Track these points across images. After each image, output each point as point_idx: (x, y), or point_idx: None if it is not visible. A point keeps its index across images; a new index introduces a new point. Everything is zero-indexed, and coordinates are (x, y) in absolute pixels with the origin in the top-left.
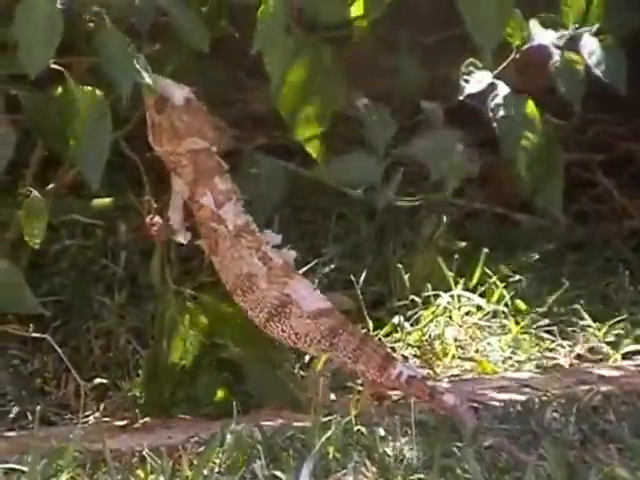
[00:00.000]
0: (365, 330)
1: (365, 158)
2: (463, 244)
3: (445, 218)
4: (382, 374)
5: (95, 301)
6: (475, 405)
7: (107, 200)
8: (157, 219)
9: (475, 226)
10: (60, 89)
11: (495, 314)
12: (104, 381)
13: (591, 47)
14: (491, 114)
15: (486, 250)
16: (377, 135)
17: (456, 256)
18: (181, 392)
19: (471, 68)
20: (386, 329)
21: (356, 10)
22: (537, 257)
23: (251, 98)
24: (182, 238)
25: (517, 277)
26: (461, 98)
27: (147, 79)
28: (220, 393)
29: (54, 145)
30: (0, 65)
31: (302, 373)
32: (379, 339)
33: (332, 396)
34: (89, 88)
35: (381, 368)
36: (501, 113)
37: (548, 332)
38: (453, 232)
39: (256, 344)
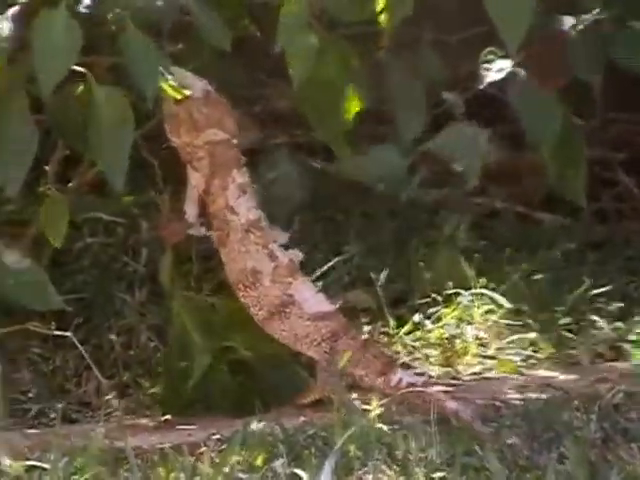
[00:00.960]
0: (385, 329)
1: (389, 152)
2: (484, 243)
3: (466, 217)
4: (381, 380)
5: (117, 299)
6: (475, 406)
7: (129, 199)
8: (170, 220)
9: (496, 225)
10: (81, 89)
11: (516, 312)
12: (125, 379)
13: (610, 32)
14: (512, 101)
15: (507, 248)
16: (406, 129)
17: (477, 254)
18: (196, 392)
19: (491, 57)
20: (407, 327)
21: (379, 8)
22: (558, 256)
23: (273, 96)
24: (197, 231)
25: (538, 275)
26: (482, 87)
27: (170, 80)
28: (236, 392)
29: (75, 145)
30: (23, 66)
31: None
32: (399, 337)
33: (353, 394)
34: (110, 88)
35: (381, 374)
36: (522, 100)
37: (569, 330)
38: (474, 231)
39: (269, 345)
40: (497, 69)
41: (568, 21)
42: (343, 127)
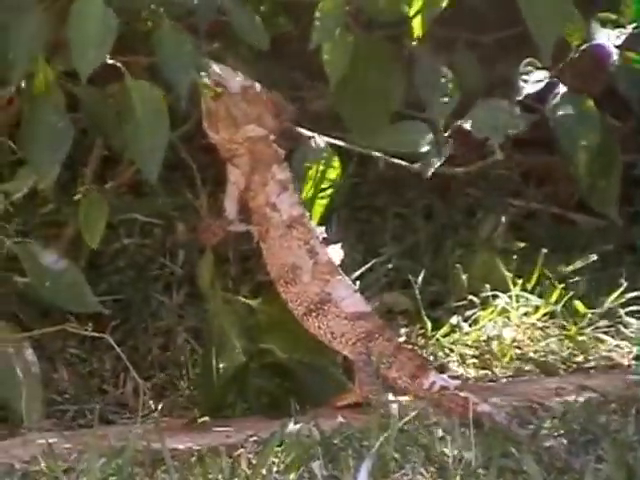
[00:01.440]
0: (422, 331)
1: (417, 125)
2: (521, 244)
3: (503, 218)
4: (414, 382)
5: (153, 300)
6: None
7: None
8: (208, 222)
9: (533, 226)
10: (118, 86)
11: (553, 315)
12: (162, 380)
13: None
14: (549, 113)
15: (544, 250)
16: (437, 106)
17: (514, 256)
18: (233, 394)
19: (529, 68)
20: (444, 329)
21: (413, 9)
22: (595, 258)
23: (309, 97)
24: (237, 228)
25: (575, 278)
26: (520, 98)
27: (205, 79)
28: (273, 394)
29: (112, 141)
30: (58, 61)
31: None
32: (437, 339)
33: (389, 396)
34: (146, 84)
35: (414, 377)
36: (560, 112)
37: (606, 333)
38: (511, 232)
39: (306, 347)
40: (535, 80)
41: (605, 34)
42: (379, 126)
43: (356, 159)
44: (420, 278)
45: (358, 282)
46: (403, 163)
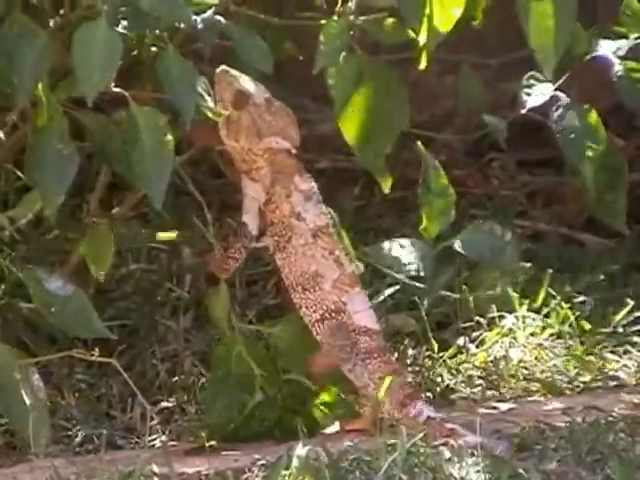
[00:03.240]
0: (429, 352)
1: (415, 244)
2: (528, 265)
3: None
4: (401, 410)
5: (160, 325)
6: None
7: (173, 233)
8: (221, 255)
9: (540, 247)
10: (123, 112)
11: (560, 335)
12: (170, 405)
13: None
14: (554, 126)
15: (550, 271)
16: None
17: (521, 277)
18: (241, 418)
19: (532, 81)
20: (451, 351)
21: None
22: (602, 277)
23: (315, 121)
24: (260, 243)
25: (582, 298)
26: (523, 112)
27: (210, 103)
28: (279, 417)
29: (117, 167)
30: (63, 89)
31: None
32: (443, 361)
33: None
34: (151, 111)
35: (402, 404)
36: (563, 124)
37: (613, 352)
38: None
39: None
40: (538, 93)
41: (609, 46)
42: (383, 151)
43: (361, 181)
44: (427, 299)
45: None
46: None
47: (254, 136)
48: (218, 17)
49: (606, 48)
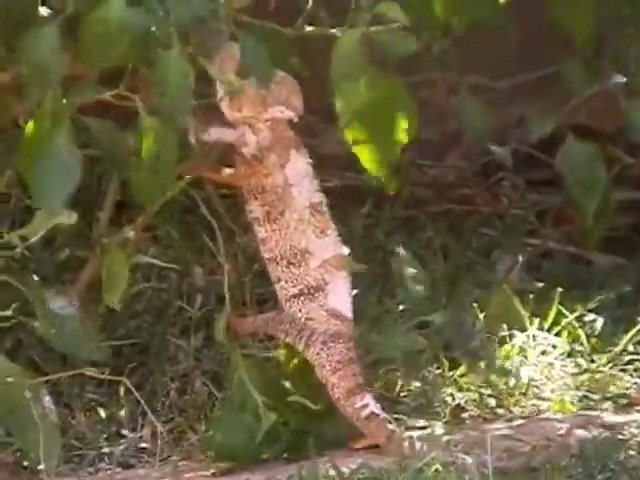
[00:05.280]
0: (439, 371)
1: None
2: (538, 284)
3: (520, 258)
4: (347, 399)
5: (171, 344)
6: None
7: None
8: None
9: (549, 266)
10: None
11: (570, 353)
12: (180, 424)
13: None
14: (560, 161)
15: (560, 289)
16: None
17: (531, 295)
18: (250, 438)
19: (539, 111)
20: (461, 369)
21: None
22: (611, 296)
23: (323, 139)
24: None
25: (592, 316)
26: (531, 141)
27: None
28: (290, 436)
29: (122, 174)
30: (73, 94)
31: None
32: (454, 379)
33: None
34: (154, 118)
35: (349, 393)
36: (569, 161)
37: (623, 371)
38: (528, 271)
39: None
40: (544, 123)
41: (617, 77)
42: (391, 160)
43: (371, 200)
44: (437, 318)
45: (376, 323)
46: None
47: (259, 105)
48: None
49: (613, 79)
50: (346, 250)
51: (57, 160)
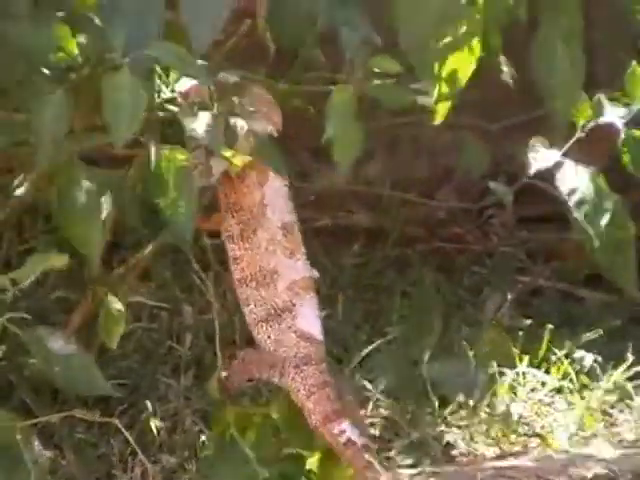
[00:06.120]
0: (429, 409)
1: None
2: (528, 321)
3: (509, 295)
4: (325, 424)
5: (161, 383)
6: None
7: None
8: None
9: (540, 303)
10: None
11: (560, 390)
12: (171, 463)
13: None
14: (561, 190)
15: (550, 326)
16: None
17: (521, 332)
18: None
19: (537, 145)
20: (451, 407)
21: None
22: (601, 333)
23: (313, 177)
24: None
25: (582, 353)
26: (529, 175)
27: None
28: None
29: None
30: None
31: None
32: (444, 417)
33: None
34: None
35: (326, 418)
36: (571, 187)
37: (613, 407)
38: (518, 309)
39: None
40: (543, 157)
41: (617, 111)
42: None
43: (361, 239)
44: (427, 356)
45: (365, 361)
46: None
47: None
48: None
49: (612, 114)
50: (315, 273)
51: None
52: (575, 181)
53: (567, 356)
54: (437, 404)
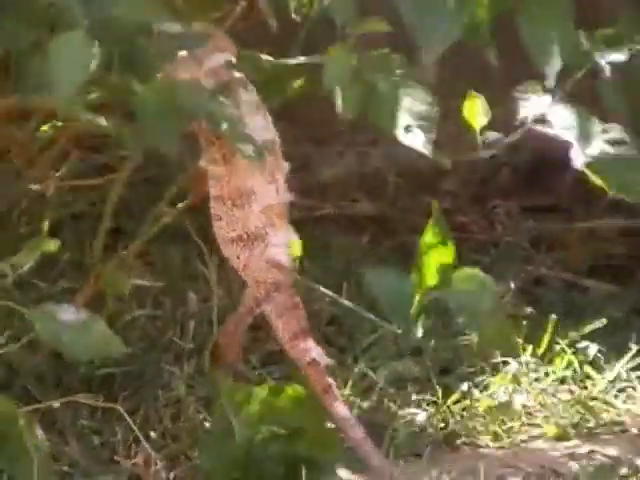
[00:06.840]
0: (433, 398)
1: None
2: (531, 310)
3: (513, 285)
4: (292, 342)
5: (164, 371)
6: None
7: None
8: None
9: (543, 292)
10: None
11: (563, 380)
12: (174, 450)
13: None
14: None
15: (554, 316)
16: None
17: (524, 322)
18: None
19: (528, 90)
20: (454, 396)
21: None
22: (605, 323)
23: (318, 166)
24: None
25: (585, 343)
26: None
27: None
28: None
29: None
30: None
31: None
32: (447, 407)
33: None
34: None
35: (294, 336)
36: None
37: (617, 397)
38: (521, 298)
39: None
40: (535, 104)
41: (613, 56)
42: None
43: (366, 227)
44: (430, 345)
45: (369, 349)
46: None
47: (193, 65)
48: None
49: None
50: (290, 197)
51: None
52: (570, 120)
53: (571, 346)
54: (440, 393)
